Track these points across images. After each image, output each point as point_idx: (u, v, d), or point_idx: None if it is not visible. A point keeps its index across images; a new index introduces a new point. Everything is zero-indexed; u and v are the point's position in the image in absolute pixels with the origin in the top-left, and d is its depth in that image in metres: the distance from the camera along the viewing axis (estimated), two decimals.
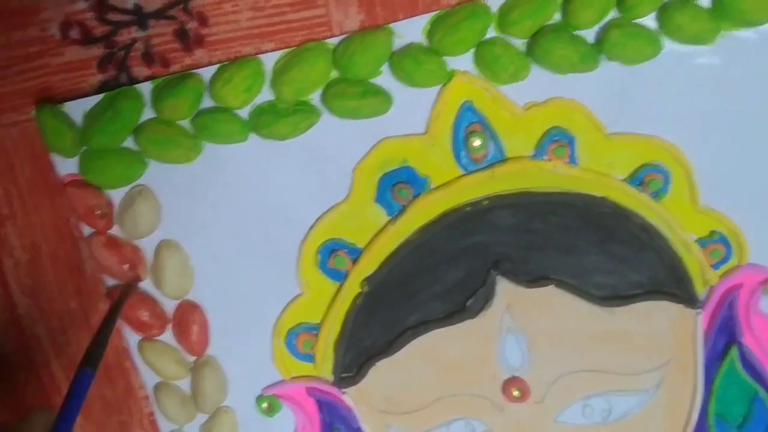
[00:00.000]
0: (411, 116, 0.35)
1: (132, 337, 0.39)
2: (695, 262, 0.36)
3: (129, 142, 0.36)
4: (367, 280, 0.37)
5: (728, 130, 0.34)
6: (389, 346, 0.37)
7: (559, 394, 0.37)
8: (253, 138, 0.35)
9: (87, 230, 0.37)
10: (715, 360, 0.37)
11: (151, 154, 0.36)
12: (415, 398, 0.38)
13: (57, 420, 0.31)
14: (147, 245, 0.37)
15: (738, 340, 0.37)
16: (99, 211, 0.36)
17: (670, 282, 0.36)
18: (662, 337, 0.37)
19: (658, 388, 0.37)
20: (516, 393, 0.37)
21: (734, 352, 0.37)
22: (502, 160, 0.35)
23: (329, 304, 0.37)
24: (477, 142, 0.35)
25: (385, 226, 0.36)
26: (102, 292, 0.38)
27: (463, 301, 0.36)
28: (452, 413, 0.38)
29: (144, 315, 0.38)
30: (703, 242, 0.36)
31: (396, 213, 0.36)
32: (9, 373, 0.40)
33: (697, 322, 0.37)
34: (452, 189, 0.35)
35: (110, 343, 0.39)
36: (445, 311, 0.37)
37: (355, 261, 0.37)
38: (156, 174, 0.36)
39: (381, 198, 0.36)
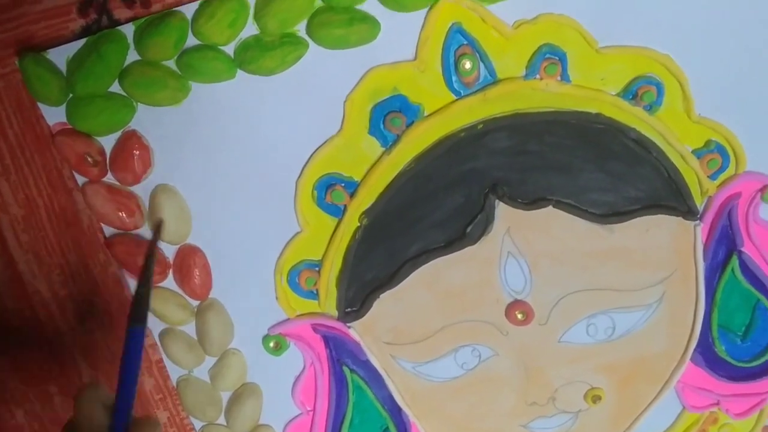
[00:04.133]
0: (399, 42, 0.34)
1: (134, 286, 0.38)
2: (692, 174, 0.36)
3: (115, 87, 0.35)
4: (366, 213, 0.37)
5: (720, 36, 0.34)
6: (392, 277, 0.37)
7: (563, 314, 0.38)
8: (241, 75, 0.35)
9: (81, 180, 0.37)
10: (715, 271, 0.37)
11: (138, 97, 0.35)
12: (421, 328, 0.38)
13: (120, 382, 0.30)
14: (142, 191, 0.37)
15: (738, 248, 0.37)
16: (91, 159, 0.36)
17: (667, 195, 0.36)
18: (662, 251, 0.37)
19: (660, 302, 0.38)
20: (520, 316, 0.38)
21: (734, 261, 0.37)
22: (493, 82, 0.35)
23: (329, 240, 0.37)
24: (467, 65, 0.34)
25: (381, 157, 0.36)
26: (101, 242, 0.38)
27: (463, 227, 0.36)
28: (458, 340, 0.38)
29: None
30: (699, 153, 0.36)
31: (390, 143, 0.36)
32: (12, 330, 0.40)
33: (697, 233, 0.37)
34: (445, 115, 0.35)
35: (112, 293, 0.39)
36: (446, 239, 0.37)
37: (352, 195, 0.37)
38: (145, 118, 0.36)
39: (374, 129, 0.35)
